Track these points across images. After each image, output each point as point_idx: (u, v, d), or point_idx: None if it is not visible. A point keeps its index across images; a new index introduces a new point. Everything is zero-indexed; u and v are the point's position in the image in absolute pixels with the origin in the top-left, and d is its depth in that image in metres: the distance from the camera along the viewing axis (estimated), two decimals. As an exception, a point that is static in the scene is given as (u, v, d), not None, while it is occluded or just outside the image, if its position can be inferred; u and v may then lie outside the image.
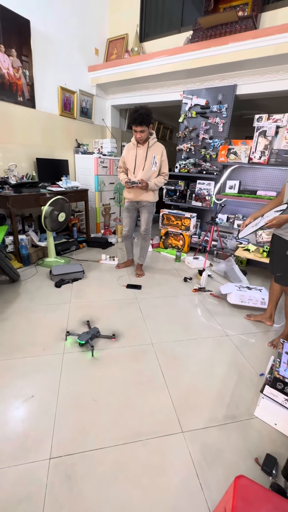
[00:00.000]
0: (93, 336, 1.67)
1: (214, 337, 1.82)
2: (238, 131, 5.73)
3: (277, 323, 2.00)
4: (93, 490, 0.93)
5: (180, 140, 3.52)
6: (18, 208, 2.65)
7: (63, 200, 2.73)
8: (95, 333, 1.68)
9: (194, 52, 2.85)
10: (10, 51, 2.67)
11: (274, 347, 1.74)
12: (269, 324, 1.99)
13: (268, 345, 1.76)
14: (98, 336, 1.71)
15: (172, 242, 3.60)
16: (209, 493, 0.94)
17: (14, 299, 2.11)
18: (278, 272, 1.72)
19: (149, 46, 3.56)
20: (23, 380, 1.36)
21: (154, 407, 1.26)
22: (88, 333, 1.67)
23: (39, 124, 3.17)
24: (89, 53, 3.69)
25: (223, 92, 3.07)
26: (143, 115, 2.12)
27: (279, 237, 1.65)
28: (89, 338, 1.63)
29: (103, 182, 3.79)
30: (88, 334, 1.66)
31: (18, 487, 0.92)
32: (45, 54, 3.05)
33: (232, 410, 1.27)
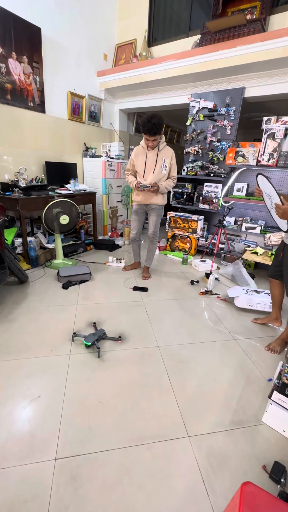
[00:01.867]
0: (100, 338, 1.67)
1: (221, 341, 1.80)
2: (246, 134, 5.70)
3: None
4: (97, 492, 0.93)
5: (187, 143, 3.53)
6: (27, 210, 2.70)
7: (70, 203, 2.76)
8: (101, 335, 1.69)
9: (202, 55, 2.87)
10: (21, 58, 2.75)
11: (271, 351, 1.70)
12: (277, 325, 1.97)
13: (265, 349, 1.72)
14: (105, 338, 1.71)
15: (179, 245, 3.59)
16: (215, 499, 0.92)
17: (22, 300, 2.14)
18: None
19: (157, 51, 3.60)
20: (30, 380, 1.38)
21: (159, 411, 1.25)
22: (95, 334, 1.67)
23: (48, 129, 3.24)
24: (98, 58, 3.75)
25: (231, 95, 3.06)
26: (156, 125, 2.14)
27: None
28: (95, 340, 1.63)
29: (111, 185, 3.82)
30: (94, 335, 1.66)
31: (24, 487, 0.93)
32: (55, 60, 3.12)
33: (239, 415, 1.25)
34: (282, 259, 1.71)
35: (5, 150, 2.81)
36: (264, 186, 1.58)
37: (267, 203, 1.64)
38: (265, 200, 1.66)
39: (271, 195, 1.53)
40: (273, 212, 1.56)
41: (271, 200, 1.55)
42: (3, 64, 2.60)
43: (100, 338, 1.68)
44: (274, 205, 1.48)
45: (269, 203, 1.62)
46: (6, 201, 2.61)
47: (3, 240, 2.01)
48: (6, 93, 2.69)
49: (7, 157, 2.85)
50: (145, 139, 2.28)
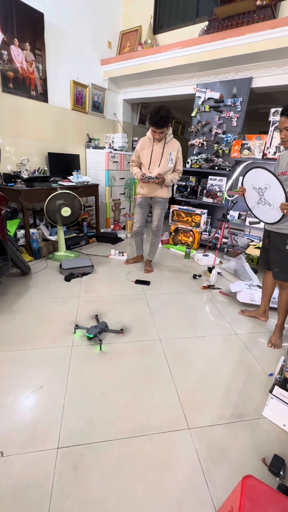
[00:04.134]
0: (102, 330, 1.68)
1: (222, 335, 1.80)
2: (253, 126, 5.58)
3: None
4: (99, 481, 0.94)
5: (192, 135, 3.46)
6: (29, 202, 2.68)
7: (73, 195, 2.74)
8: (103, 327, 1.69)
9: (209, 43, 2.78)
10: (24, 45, 2.68)
11: (274, 347, 1.71)
12: (263, 320, 1.98)
13: (268, 346, 1.72)
14: (107, 331, 1.72)
15: (181, 239, 3.57)
16: (215, 490, 0.93)
17: (25, 292, 2.15)
18: (276, 267, 1.67)
19: (162, 38, 3.50)
20: (33, 371, 1.39)
21: (160, 403, 1.26)
22: (97, 327, 1.68)
23: (51, 119, 3.19)
24: (102, 46, 3.65)
25: (238, 85, 2.99)
26: (164, 117, 2.10)
27: (277, 233, 1.61)
28: (97, 332, 1.64)
29: (114, 177, 3.78)
30: (96, 328, 1.67)
31: (27, 474, 0.94)
32: (58, 47, 3.04)
33: (240, 409, 1.26)
34: (268, 245, 1.73)
35: (7, 140, 2.78)
36: (256, 179, 1.59)
37: (252, 198, 1.67)
38: (249, 196, 1.69)
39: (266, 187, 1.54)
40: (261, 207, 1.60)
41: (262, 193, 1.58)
42: (5, 51, 2.55)
43: (102, 330, 1.68)
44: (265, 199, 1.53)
45: (255, 198, 1.64)
46: (8, 192, 2.59)
47: (5, 232, 2.00)
48: (8, 82, 2.64)
49: (10, 147, 2.82)
50: (151, 131, 2.24)
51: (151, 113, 2.13)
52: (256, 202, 1.65)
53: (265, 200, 1.57)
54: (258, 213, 1.67)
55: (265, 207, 1.59)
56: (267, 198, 1.56)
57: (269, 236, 1.71)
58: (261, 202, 1.60)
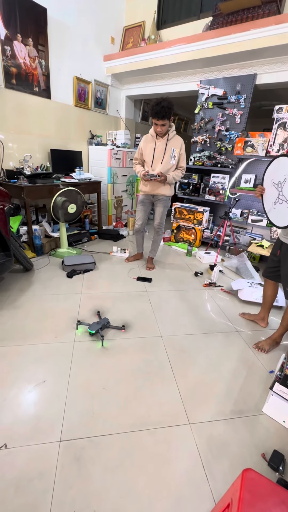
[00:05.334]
0: (103, 327, 1.69)
1: (223, 332, 1.81)
2: (256, 123, 5.54)
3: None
4: (100, 473, 0.96)
5: (195, 132, 3.45)
6: (32, 198, 2.69)
7: (76, 191, 2.74)
8: (105, 324, 1.71)
9: (213, 39, 2.75)
10: (26, 41, 2.67)
11: (259, 350, 1.65)
12: (262, 326, 1.89)
13: (253, 347, 1.68)
14: (108, 327, 1.73)
15: (183, 236, 3.57)
16: (215, 483, 0.95)
17: (28, 288, 2.17)
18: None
19: (166, 34, 3.47)
20: (35, 365, 1.41)
21: (161, 398, 1.27)
22: (99, 323, 1.69)
23: (54, 115, 3.18)
24: (105, 42, 3.63)
25: (241, 82, 2.96)
26: (165, 108, 2.08)
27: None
28: (99, 328, 1.65)
29: (116, 174, 3.78)
30: (98, 324, 1.68)
31: (30, 466, 0.96)
32: (61, 43, 3.03)
33: (240, 405, 1.27)
34: (279, 258, 1.59)
35: (10, 136, 2.78)
36: (277, 172, 1.40)
37: (270, 199, 1.46)
38: (267, 196, 1.48)
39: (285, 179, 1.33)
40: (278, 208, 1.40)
41: (280, 188, 1.36)
42: (8, 47, 2.54)
43: (104, 326, 1.70)
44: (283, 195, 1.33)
45: (273, 197, 1.43)
46: (11, 189, 2.60)
47: (8, 228, 2.02)
48: (11, 78, 2.63)
49: (12, 144, 2.82)
50: (154, 124, 2.23)
51: (152, 104, 2.13)
52: (273, 202, 1.44)
53: (284, 197, 1.36)
54: (274, 217, 1.44)
55: (282, 205, 1.38)
56: (286, 193, 1.35)
57: (281, 248, 1.57)
58: (279, 200, 1.39)
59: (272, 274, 1.72)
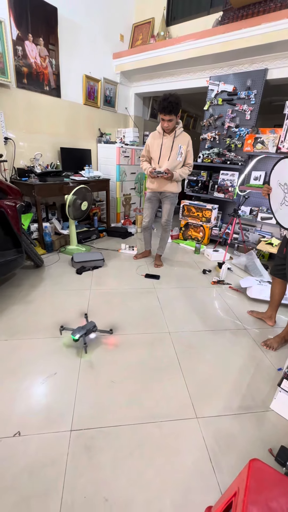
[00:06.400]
0: (89, 331, 1.56)
1: (231, 329, 1.81)
2: (267, 119, 5.44)
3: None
4: (110, 462, 0.99)
5: (204, 129, 3.42)
6: (42, 196, 2.74)
7: (86, 189, 2.78)
8: (91, 328, 1.57)
9: (223, 34, 2.73)
10: (37, 40, 2.71)
11: (267, 347, 1.64)
12: (270, 324, 1.88)
13: (261, 345, 1.67)
14: (95, 331, 1.61)
15: (191, 234, 3.56)
16: (221, 476, 0.96)
17: (39, 284, 2.22)
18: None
19: (175, 30, 3.44)
20: (47, 358, 1.45)
21: (169, 392, 1.30)
22: (83, 328, 1.54)
23: (64, 114, 3.22)
24: (114, 39, 3.64)
25: (252, 77, 2.92)
26: (172, 103, 2.08)
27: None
28: (83, 334, 1.51)
29: (125, 172, 3.79)
30: (83, 329, 1.53)
31: (42, 453, 1.00)
32: (71, 42, 3.06)
33: (247, 401, 1.28)
34: (285, 255, 1.61)
35: (21, 135, 2.84)
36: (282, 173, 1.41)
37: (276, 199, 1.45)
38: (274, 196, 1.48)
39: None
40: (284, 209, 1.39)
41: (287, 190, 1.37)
42: (20, 47, 2.58)
43: (89, 331, 1.56)
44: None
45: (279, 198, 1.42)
46: (22, 187, 2.65)
47: (20, 225, 2.07)
48: (22, 77, 2.68)
49: (23, 143, 2.88)
50: (161, 119, 2.23)
51: (160, 100, 2.14)
52: (279, 203, 1.43)
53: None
54: (280, 217, 1.44)
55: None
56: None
57: (287, 246, 1.60)
58: (285, 202, 1.39)
59: (279, 272, 1.71)
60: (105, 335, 1.66)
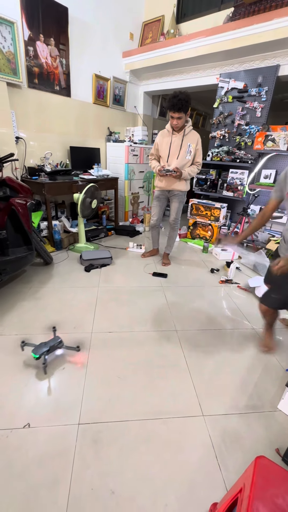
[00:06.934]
0: (52, 348, 1.40)
1: (239, 329, 1.80)
2: (278, 116, 5.34)
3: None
4: (116, 456, 1.00)
5: (213, 126, 3.39)
6: (52, 194, 2.78)
7: (94, 187, 2.81)
8: (55, 345, 1.41)
9: (234, 31, 2.69)
10: (48, 40, 2.74)
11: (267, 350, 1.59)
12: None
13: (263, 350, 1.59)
14: (60, 347, 1.45)
15: (200, 233, 3.54)
16: (227, 473, 0.97)
17: (48, 280, 2.26)
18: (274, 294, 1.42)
19: (186, 27, 3.42)
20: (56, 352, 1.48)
21: (176, 390, 1.30)
22: (46, 344, 1.39)
23: (73, 113, 3.25)
24: (124, 38, 3.64)
25: (263, 74, 2.88)
26: (182, 101, 2.08)
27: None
28: (45, 351, 1.35)
29: (133, 170, 3.80)
30: (45, 345, 1.38)
31: (51, 445, 1.03)
32: (81, 41, 3.08)
33: (254, 400, 1.27)
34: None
35: (32, 135, 2.88)
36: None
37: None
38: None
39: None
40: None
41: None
42: (31, 47, 2.62)
43: (53, 348, 1.40)
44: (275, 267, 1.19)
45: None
46: (33, 185, 2.70)
47: (30, 223, 2.11)
48: (33, 77, 2.72)
49: (34, 142, 2.92)
50: (170, 117, 2.23)
51: (169, 97, 2.14)
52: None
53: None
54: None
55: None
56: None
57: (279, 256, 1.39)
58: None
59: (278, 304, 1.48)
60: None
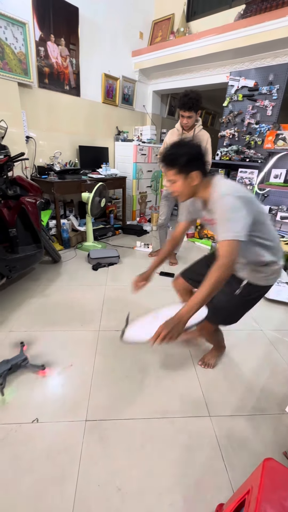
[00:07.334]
0: (15, 367, 1.27)
1: (247, 330, 1.78)
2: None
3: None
4: (123, 453, 1.01)
5: (223, 125, 3.36)
6: (61, 193, 2.81)
7: (103, 186, 2.82)
8: (18, 363, 1.28)
9: (245, 28, 2.65)
10: (59, 41, 2.77)
11: (205, 366, 1.43)
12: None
13: (198, 364, 1.46)
14: (25, 366, 1.31)
15: (207, 233, 3.52)
16: (234, 474, 0.96)
17: (56, 278, 2.29)
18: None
19: (196, 26, 3.39)
20: (63, 350, 1.50)
21: (182, 389, 1.30)
22: (8, 362, 1.27)
23: (82, 112, 3.27)
24: (134, 37, 3.64)
25: (275, 72, 2.83)
26: (193, 99, 2.07)
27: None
28: (6, 370, 1.23)
29: (141, 170, 3.80)
30: (7, 363, 1.26)
31: (59, 440, 1.04)
32: (91, 41, 3.09)
33: (262, 403, 1.26)
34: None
35: (42, 134, 2.91)
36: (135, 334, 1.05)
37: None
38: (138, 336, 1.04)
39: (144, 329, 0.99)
40: None
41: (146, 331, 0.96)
42: (42, 48, 2.65)
43: (15, 366, 1.28)
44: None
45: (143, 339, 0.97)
46: (42, 184, 2.72)
47: (40, 221, 2.14)
48: (44, 77, 2.75)
49: (43, 141, 2.96)
50: (180, 116, 2.22)
51: (180, 96, 2.13)
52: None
53: None
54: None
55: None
56: None
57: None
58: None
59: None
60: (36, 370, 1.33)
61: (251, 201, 0.94)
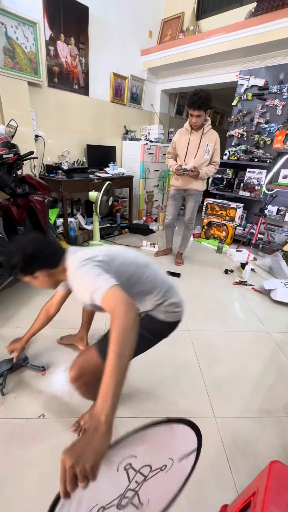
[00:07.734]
0: (16, 367, 1.30)
1: (253, 332, 1.77)
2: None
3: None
4: (127, 451, 1.01)
5: (231, 125, 3.33)
6: (69, 192, 2.83)
7: (109, 185, 2.83)
8: (18, 363, 1.31)
9: (256, 26, 2.62)
10: (69, 40, 2.78)
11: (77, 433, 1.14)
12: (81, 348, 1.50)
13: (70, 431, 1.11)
14: (25, 366, 1.34)
15: (214, 233, 3.50)
16: (238, 476, 0.96)
17: (63, 276, 2.30)
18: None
19: (206, 24, 3.37)
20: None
21: (187, 389, 1.30)
22: (8, 362, 1.29)
23: (91, 111, 3.29)
24: (143, 36, 3.63)
25: (285, 70, 2.79)
26: (202, 98, 2.06)
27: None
28: (7, 370, 1.25)
29: (148, 169, 3.80)
30: (7, 363, 1.28)
31: (64, 435, 1.05)
32: (101, 40, 3.10)
33: (268, 405, 1.25)
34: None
35: (50, 133, 2.94)
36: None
37: None
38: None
39: None
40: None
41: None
42: (52, 47, 2.67)
43: (16, 366, 1.30)
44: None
45: None
46: (50, 183, 2.75)
47: (47, 219, 2.16)
48: (53, 77, 2.77)
49: (52, 140, 2.98)
50: (189, 115, 2.21)
51: (190, 95, 2.12)
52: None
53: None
54: None
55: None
56: None
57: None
58: None
59: None
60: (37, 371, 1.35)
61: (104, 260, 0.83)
